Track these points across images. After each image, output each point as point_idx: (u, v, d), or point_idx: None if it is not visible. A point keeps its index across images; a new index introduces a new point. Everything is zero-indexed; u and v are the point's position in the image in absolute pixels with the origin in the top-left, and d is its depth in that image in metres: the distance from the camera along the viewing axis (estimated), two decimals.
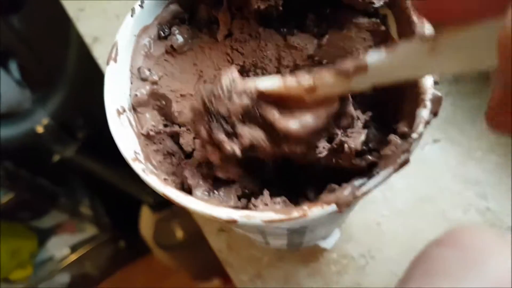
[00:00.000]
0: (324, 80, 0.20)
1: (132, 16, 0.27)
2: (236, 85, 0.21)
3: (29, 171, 1.14)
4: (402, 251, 0.38)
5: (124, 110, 0.26)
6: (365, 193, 0.22)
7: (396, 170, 0.22)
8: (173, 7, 0.29)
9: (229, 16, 0.27)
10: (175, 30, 0.28)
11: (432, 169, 0.43)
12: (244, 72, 0.29)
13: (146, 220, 1.14)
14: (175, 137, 0.29)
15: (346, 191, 0.21)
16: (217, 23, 0.28)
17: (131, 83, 0.28)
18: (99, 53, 0.51)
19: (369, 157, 0.26)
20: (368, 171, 0.24)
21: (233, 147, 0.21)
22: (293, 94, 0.21)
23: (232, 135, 0.22)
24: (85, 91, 1.03)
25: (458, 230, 0.14)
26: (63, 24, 0.62)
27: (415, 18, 0.25)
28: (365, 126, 0.27)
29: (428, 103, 0.23)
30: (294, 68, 0.29)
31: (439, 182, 0.42)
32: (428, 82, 0.24)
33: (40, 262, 1.26)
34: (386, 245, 0.39)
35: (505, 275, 0.12)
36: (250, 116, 0.22)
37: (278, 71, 0.29)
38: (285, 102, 0.21)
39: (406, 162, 0.22)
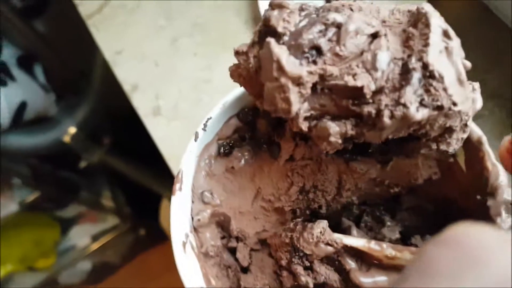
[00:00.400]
0: (406, 256, 0.23)
1: (195, 140, 0.27)
2: (324, 236, 0.24)
3: (53, 168, 1.16)
4: None
5: (187, 236, 0.26)
6: None
7: None
8: (234, 121, 0.29)
9: (292, 144, 0.27)
10: (235, 152, 0.28)
11: None
12: (303, 192, 0.28)
13: (166, 213, 1.16)
14: (232, 250, 0.29)
15: None
16: (278, 144, 0.28)
17: (193, 202, 0.28)
18: (138, 102, 0.50)
19: None
20: None
21: (307, 279, 0.24)
22: (374, 255, 0.24)
23: (309, 269, 0.25)
24: (112, 98, 1.03)
25: (458, 229, 0.13)
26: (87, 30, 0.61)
27: (489, 164, 0.24)
28: None
29: None
30: (356, 190, 0.29)
31: None
32: None
33: (63, 251, 1.30)
34: None
35: (506, 275, 0.11)
36: (329, 259, 0.25)
37: (339, 193, 0.29)
38: (364, 256, 0.24)
39: None
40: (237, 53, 0.23)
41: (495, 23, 0.50)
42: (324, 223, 0.25)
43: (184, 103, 0.51)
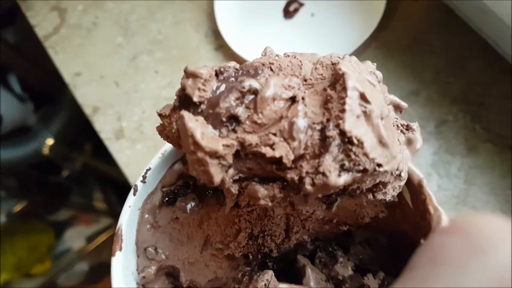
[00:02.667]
0: None
1: (134, 194, 0.26)
2: (269, 287, 0.24)
3: (40, 178, 1.15)
4: None
5: None
6: None
7: None
8: (178, 166, 0.28)
9: (235, 193, 0.26)
10: (180, 201, 0.27)
11: None
12: (252, 237, 0.28)
13: None
14: None
15: None
16: (223, 191, 0.27)
17: (138, 256, 0.27)
18: (100, 125, 0.50)
19: None
20: None
21: None
22: None
23: None
24: None
25: (464, 218, 0.13)
26: None
27: (431, 208, 0.24)
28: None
29: None
30: (304, 231, 0.28)
31: None
32: None
33: (59, 254, 1.30)
34: None
35: (511, 263, 0.11)
36: None
37: (287, 236, 0.28)
38: None
39: None
40: (160, 116, 0.22)
41: (459, 26, 0.49)
42: (269, 275, 0.25)
43: (147, 123, 0.50)
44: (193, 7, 0.54)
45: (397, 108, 0.25)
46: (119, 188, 1.21)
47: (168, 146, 0.27)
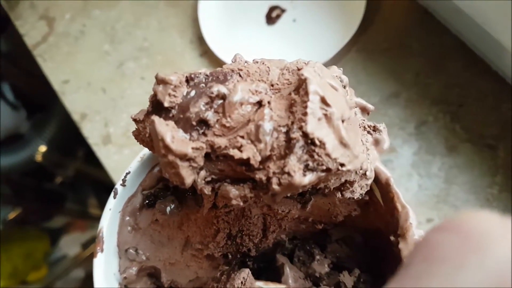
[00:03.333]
0: None
1: (114, 198, 0.27)
2: (246, 285, 0.25)
3: (35, 183, 1.16)
4: None
5: None
6: None
7: None
8: (157, 170, 0.29)
9: (212, 194, 0.27)
10: (160, 203, 0.28)
11: None
12: (231, 237, 0.29)
13: None
14: None
15: None
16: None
17: (120, 258, 0.28)
18: (88, 132, 0.50)
19: None
20: None
21: None
22: None
23: None
24: None
25: (460, 215, 0.13)
26: None
27: (399, 205, 0.25)
28: (354, 286, 0.28)
29: None
30: (281, 230, 0.29)
31: None
32: None
33: (55, 261, 1.30)
34: None
35: (508, 262, 0.11)
36: None
37: (265, 235, 0.29)
38: None
39: None
40: (135, 121, 0.23)
41: (438, 28, 0.50)
42: (245, 273, 0.26)
43: (134, 128, 0.51)
44: (177, 13, 0.55)
45: (364, 110, 0.26)
46: None
47: (147, 150, 0.28)
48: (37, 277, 1.25)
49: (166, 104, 0.21)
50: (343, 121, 0.21)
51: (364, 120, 0.25)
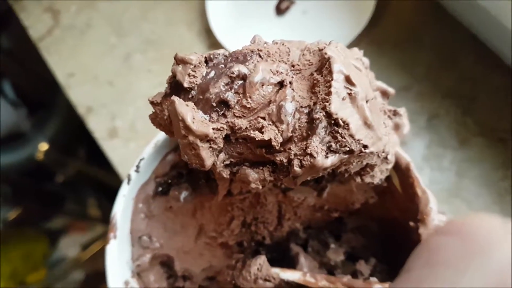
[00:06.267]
0: (337, 286, 0.24)
1: (128, 183, 0.27)
2: (262, 271, 0.25)
3: (35, 183, 1.15)
4: None
5: (128, 283, 0.26)
6: None
7: None
8: (171, 157, 0.29)
9: (227, 181, 0.27)
10: (173, 190, 0.28)
11: None
12: (245, 225, 0.29)
13: None
14: None
15: None
16: (215, 181, 0.28)
17: (133, 245, 0.28)
18: (94, 125, 0.50)
19: None
20: None
21: None
22: (311, 286, 0.25)
23: None
24: None
25: (462, 218, 0.13)
26: None
27: (419, 190, 0.25)
28: (371, 275, 0.28)
29: None
30: (296, 218, 0.29)
31: None
32: None
33: (54, 262, 1.29)
34: None
35: (508, 264, 0.11)
36: None
37: (280, 223, 0.29)
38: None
39: None
40: (152, 103, 0.23)
41: (450, 22, 0.49)
42: (261, 259, 0.26)
43: (141, 122, 0.51)
44: (185, 6, 0.55)
45: (385, 94, 0.25)
46: (114, 195, 1.21)
47: (160, 137, 0.28)
48: (36, 278, 1.25)
49: (185, 85, 0.20)
50: (367, 101, 0.20)
51: (384, 104, 0.25)
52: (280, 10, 0.51)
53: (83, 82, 0.52)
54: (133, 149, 0.49)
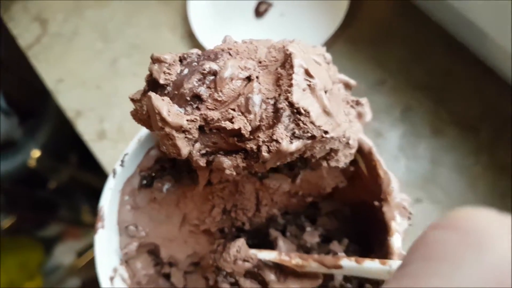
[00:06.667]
0: (310, 263, 0.26)
1: (114, 177, 0.29)
2: (241, 253, 0.27)
3: (28, 191, 1.16)
4: None
5: (116, 270, 0.28)
6: None
7: None
8: (154, 152, 0.31)
9: (207, 170, 0.29)
10: (157, 182, 0.30)
11: (416, 229, 0.45)
12: (226, 212, 0.31)
13: None
14: (167, 276, 0.31)
15: None
16: (197, 172, 0.30)
17: (120, 235, 0.30)
18: (83, 128, 0.52)
19: (349, 285, 0.29)
20: None
21: None
22: (286, 264, 0.26)
23: (235, 285, 0.27)
24: None
25: (459, 212, 0.13)
26: None
27: (381, 172, 0.27)
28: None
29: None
30: (273, 204, 0.31)
31: None
32: (396, 242, 0.26)
33: (50, 271, 1.30)
34: None
35: (506, 260, 0.11)
36: (251, 273, 0.27)
37: (258, 209, 0.31)
38: (282, 267, 0.27)
39: None
40: (132, 100, 0.25)
41: (420, 18, 0.52)
42: (240, 242, 0.28)
43: (127, 124, 0.53)
44: (168, 11, 0.57)
45: (347, 86, 0.27)
46: None
47: (143, 133, 0.30)
48: (33, 286, 1.25)
49: (161, 82, 0.22)
50: (325, 92, 0.22)
51: (347, 94, 0.27)
52: (259, 13, 0.53)
53: (71, 87, 0.54)
54: (121, 150, 0.50)
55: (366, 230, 0.31)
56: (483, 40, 0.44)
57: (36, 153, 0.96)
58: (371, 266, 0.22)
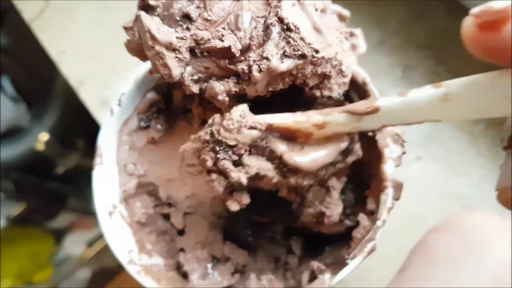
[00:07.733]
0: (335, 118, 0.22)
1: (111, 115, 0.29)
2: (246, 118, 0.21)
3: (37, 179, 1.17)
4: (394, 271, 0.41)
5: (115, 207, 0.29)
6: (339, 282, 0.24)
7: (364, 257, 0.24)
8: (150, 95, 0.31)
9: (201, 109, 0.29)
10: (154, 124, 0.30)
11: (417, 187, 0.45)
12: None
13: None
14: (166, 216, 0.31)
15: (321, 283, 0.24)
16: (192, 112, 0.30)
17: (119, 174, 0.30)
18: (86, 97, 0.52)
19: (347, 221, 0.29)
20: (346, 234, 0.28)
21: (239, 175, 0.21)
22: (302, 129, 0.22)
23: (239, 164, 0.22)
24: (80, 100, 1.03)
25: (459, 215, 0.13)
26: None
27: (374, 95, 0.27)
28: (341, 192, 0.30)
29: (390, 190, 0.26)
30: None
31: (426, 200, 0.44)
32: (389, 169, 0.26)
33: (60, 261, 1.31)
34: (377, 266, 0.42)
35: (506, 263, 0.11)
36: (257, 148, 0.22)
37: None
38: (293, 136, 0.23)
39: (373, 250, 0.25)
40: (125, 29, 0.25)
41: None
42: (243, 106, 0.22)
43: None
44: None
45: (341, 17, 0.27)
46: None
47: (139, 73, 0.30)
48: (43, 277, 1.25)
49: (151, 3, 0.23)
50: (316, 10, 0.22)
51: (341, 25, 0.27)
52: None
53: (74, 58, 0.55)
54: None
55: (362, 169, 0.30)
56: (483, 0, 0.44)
57: (44, 136, 0.97)
58: (420, 95, 0.18)
